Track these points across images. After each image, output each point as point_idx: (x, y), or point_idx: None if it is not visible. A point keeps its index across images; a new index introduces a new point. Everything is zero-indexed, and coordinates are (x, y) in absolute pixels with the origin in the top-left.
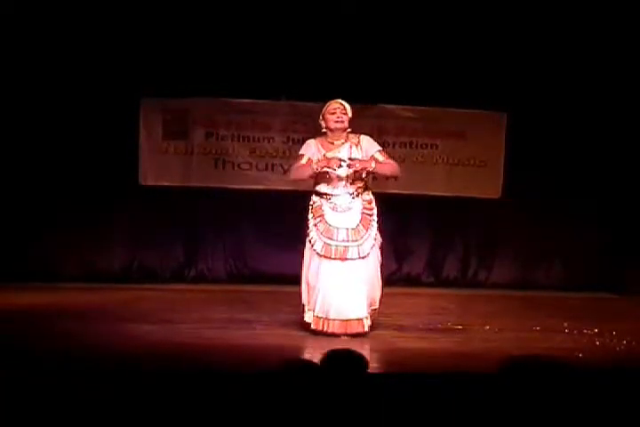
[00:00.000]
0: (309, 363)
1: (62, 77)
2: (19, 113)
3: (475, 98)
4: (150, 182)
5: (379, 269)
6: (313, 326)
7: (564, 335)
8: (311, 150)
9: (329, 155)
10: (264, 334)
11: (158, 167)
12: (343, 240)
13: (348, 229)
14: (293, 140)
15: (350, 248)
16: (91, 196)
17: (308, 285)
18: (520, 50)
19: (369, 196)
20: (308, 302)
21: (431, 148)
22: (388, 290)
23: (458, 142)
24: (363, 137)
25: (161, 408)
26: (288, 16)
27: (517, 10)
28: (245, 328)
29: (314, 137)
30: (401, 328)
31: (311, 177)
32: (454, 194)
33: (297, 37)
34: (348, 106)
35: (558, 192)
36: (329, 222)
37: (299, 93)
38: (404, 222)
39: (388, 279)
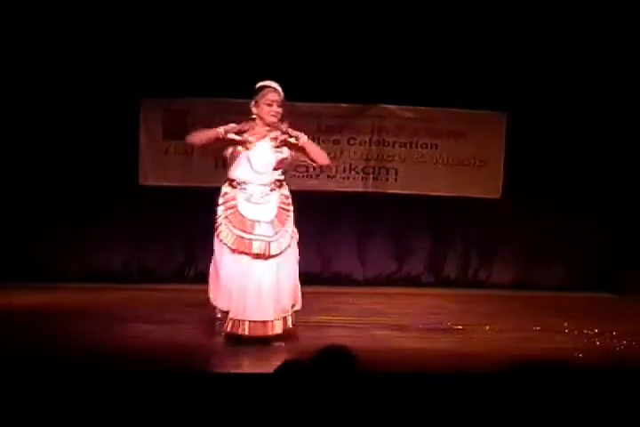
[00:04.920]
0: (299, 362)
1: (62, 77)
2: (19, 113)
3: (475, 98)
4: (150, 182)
5: (297, 268)
6: (228, 328)
7: (564, 335)
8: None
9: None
10: None
11: (158, 167)
12: (259, 235)
13: (261, 222)
14: None
15: (272, 244)
16: (91, 195)
17: (218, 281)
18: (520, 50)
19: (287, 191)
20: (226, 304)
21: (431, 148)
22: (388, 290)
23: (458, 142)
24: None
25: (161, 408)
26: (288, 16)
27: (517, 10)
28: None
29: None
30: (401, 328)
31: (210, 142)
32: (454, 194)
33: (297, 37)
34: (283, 96)
35: (558, 192)
36: (243, 214)
37: (298, 93)
38: (404, 222)
39: (388, 279)
